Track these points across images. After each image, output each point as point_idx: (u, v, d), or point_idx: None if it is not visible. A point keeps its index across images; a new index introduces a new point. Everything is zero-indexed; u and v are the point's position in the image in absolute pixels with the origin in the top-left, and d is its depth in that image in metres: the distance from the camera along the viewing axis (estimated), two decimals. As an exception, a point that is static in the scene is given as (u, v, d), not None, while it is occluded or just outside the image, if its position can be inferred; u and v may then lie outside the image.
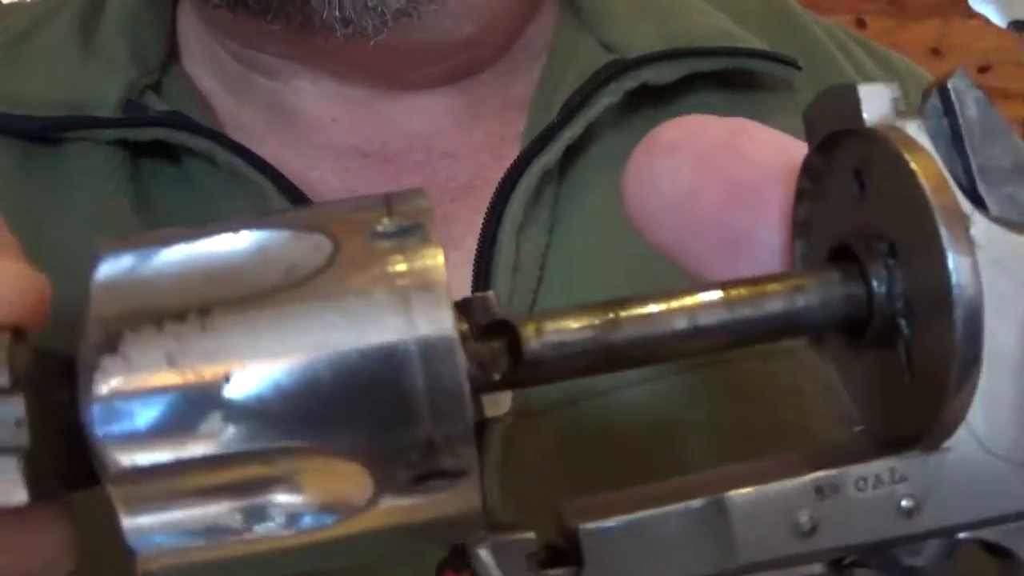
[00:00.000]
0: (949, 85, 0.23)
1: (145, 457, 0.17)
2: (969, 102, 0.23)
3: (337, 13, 0.44)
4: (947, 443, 0.21)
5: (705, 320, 0.21)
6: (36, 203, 0.46)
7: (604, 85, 0.48)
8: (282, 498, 0.18)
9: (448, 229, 0.47)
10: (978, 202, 0.22)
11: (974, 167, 0.22)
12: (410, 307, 0.18)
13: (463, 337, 0.20)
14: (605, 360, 0.21)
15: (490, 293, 0.21)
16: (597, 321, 0.21)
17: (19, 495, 0.17)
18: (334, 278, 0.18)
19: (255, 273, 0.19)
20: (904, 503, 0.21)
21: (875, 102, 0.22)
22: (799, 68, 0.52)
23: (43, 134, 0.47)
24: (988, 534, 0.22)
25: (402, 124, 0.50)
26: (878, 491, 0.21)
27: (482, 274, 0.44)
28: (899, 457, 0.21)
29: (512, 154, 0.47)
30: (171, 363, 0.18)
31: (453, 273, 0.45)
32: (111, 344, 0.18)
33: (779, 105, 0.53)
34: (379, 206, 0.20)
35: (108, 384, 0.17)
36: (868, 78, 0.56)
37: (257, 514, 0.18)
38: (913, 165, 0.21)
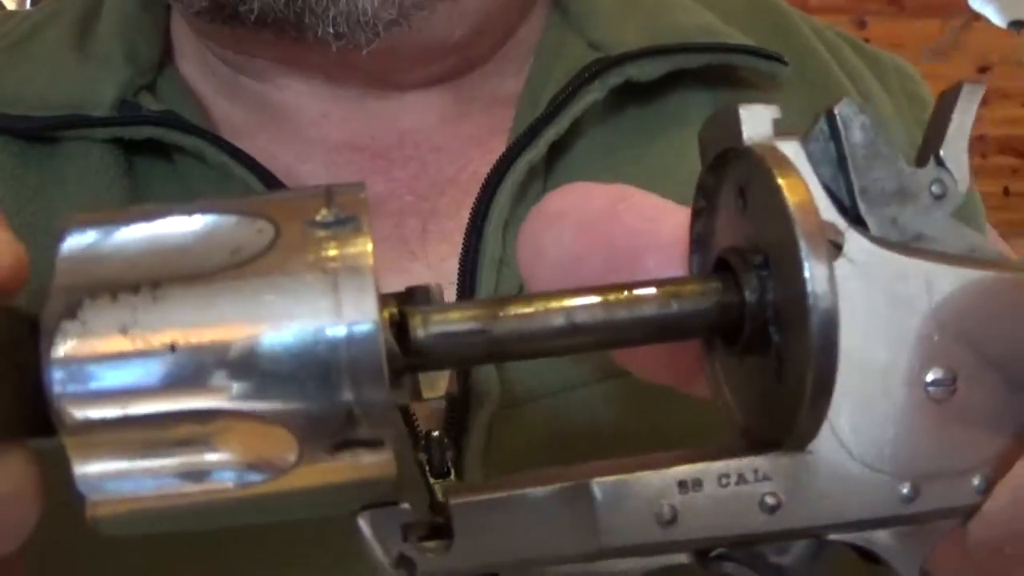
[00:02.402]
0: (836, 110, 0.24)
1: (96, 412, 0.19)
2: (855, 127, 0.24)
3: (331, 29, 0.45)
4: (811, 446, 0.23)
5: (582, 319, 0.23)
6: (33, 200, 0.47)
7: (589, 82, 0.49)
8: (215, 456, 0.20)
9: (436, 223, 0.48)
10: (859, 222, 0.24)
11: (856, 189, 0.24)
12: (338, 290, 0.20)
13: (391, 322, 0.22)
14: (487, 352, 0.23)
15: (433, 284, 0.23)
16: (481, 314, 0.23)
17: None
18: (273, 261, 0.20)
19: (203, 253, 0.21)
20: (767, 500, 0.23)
21: (755, 123, 0.24)
22: (785, 63, 0.53)
23: (40, 133, 0.48)
24: (858, 539, 0.23)
25: (392, 120, 0.51)
26: (741, 488, 0.23)
27: (468, 268, 0.45)
28: (764, 457, 0.23)
29: (499, 149, 0.48)
30: (123, 331, 0.20)
31: (440, 266, 0.47)
32: (71, 311, 0.20)
33: (765, 104, 0.54)
34: (319, 196, 0.22)
35: (66, 346, 0.19)
36: (856, 76, 0.57)
37: (193, 469, 0.20)
38: (780, 182, 0.22)
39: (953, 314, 0.23)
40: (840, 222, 0.23)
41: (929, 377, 0.23)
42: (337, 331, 0.20)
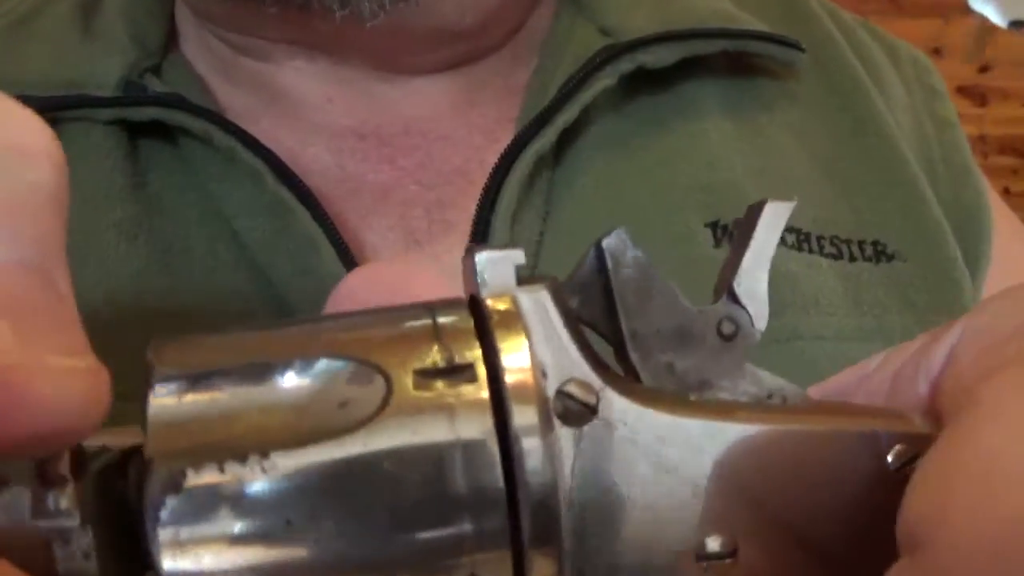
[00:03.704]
0: (604, 244, 0.22)
1: None
2: (625, 262, 0.22)
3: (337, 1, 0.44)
4: None
5: None
6: None
7: (599, 69, 0.48)
8: None
9: (442, 213, 0.47)
10: (630, 370, 0.21)
11: (625, 332, 0.21)
12: (462, 461, 0.19)
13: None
14: None
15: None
16: None
17: None
18: (389, 426, 0.19)
19: (309, 408, 0.19)
20: None
21: (496, 270, 0.21)
22: (802, 50, 0.52)
23: (41, 113, 0.47)
24: None
25: (399, 107, 0.50)
26: None
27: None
28: None
29: (507, 138, 0.47)
30: (234, 506, 0.18)
31: (447, 257, 0.45)
32: (175, 484, 0.18)
33: (780, 93, 0.53)
34: (428, 334, 0.20)
35: (175, 527, 0.18)
36: (870, 62, 0.56)
37: None
38: (500, 344, 0.20)
39: (732, 475, 0.20)
40: (594, 380, 0.20)
41: (708, 547, 0.20)
42: (462, 500, 0.19)
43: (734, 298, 0.22)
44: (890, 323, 0.48)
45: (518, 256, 0.21)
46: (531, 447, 0.19)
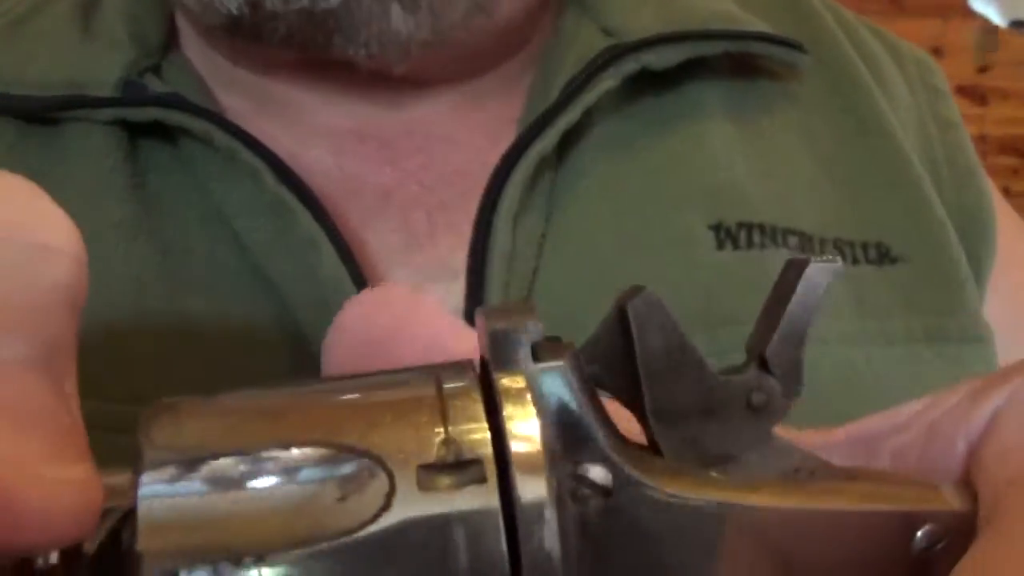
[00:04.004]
0: (628, 306, 0.20)
1: None
2: (652, 329, 0.20)
3: (363, 51, 0.44)
4: None
5: None
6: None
7: (603, 69, 0.47)
8: None
9: (444, 215, 0.47)
10: (650, 440, 0.20)
11: (647, 404, 0.20)
12: (468, 569, 0.18)
13: None
14: None
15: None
16: None
17: None
18: (391, 529, 0.18)
19: (308, 506, 0.18)
20: None
21: (510, 342, 0.19)
22: (805, 52, 0.52)
23: (41, 113, 0.47)
24: None
25: (401, 109, 0.49)
26: None
27: (477, 261, 0.44)
28: None
29: (509, 139, 0.46)
30: None
31: (449, 259, 0.45)
32: None
33: (783, 94, 0.53)
34: (435, 425, 0.19)
35: None
36: (874, 62, 0.56)
37: None
38: (511, 428, 0.18)
39: (752, 556, 0.19)
40: (611, 459, 0.19)
41: None
42: None
43: (765, 367, 0.21)
44: (893, 326, 0.48)
45: (536, 330, 0.19)
46: (541, 546, 0.18)
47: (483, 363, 0.20)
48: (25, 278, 0.17)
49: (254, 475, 0.18)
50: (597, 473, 0.19)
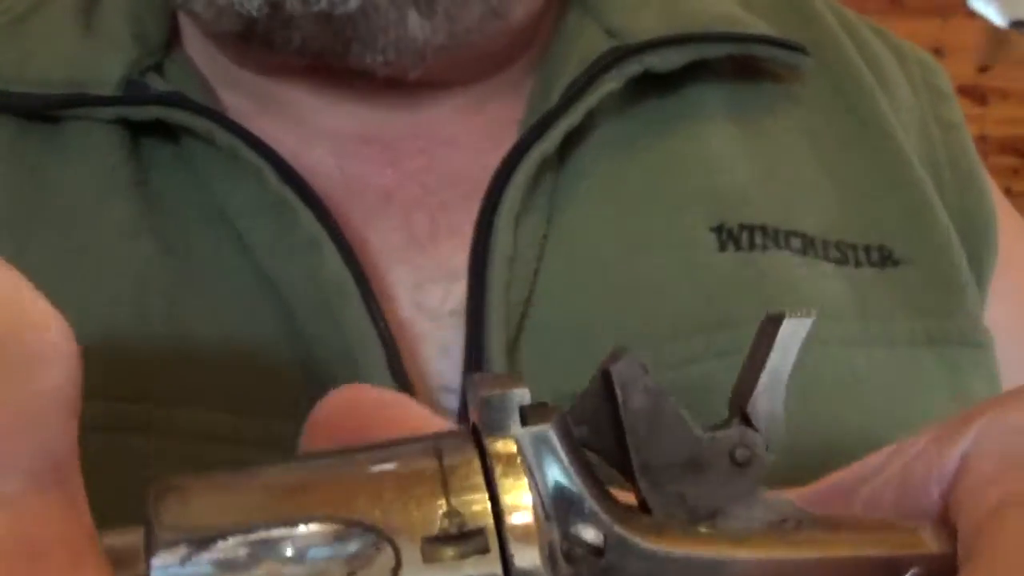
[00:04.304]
0: (612, 371, 0.21)
1: None
2: (636, 392, 0.21)
3: (380, 58, 0.43)
4: None
5: None
6: (33, 181, 0.46)
7: (605, 71, 0.47)
8: None
9: (446, 217, 0.47)
10: (639, 499, 0.21)
11: (634, 464, 0.21)
12: None
13: None
14: None
15: None
16: None
17: None
18: None
19: None
20: None
21: (499, 408, 0.20)
22: (808, 54, 0.52)
23: (42, 111, 0.47)
24: None
25: (404, 111, 0.49)
26: None
27: (478, 262, 0.44)
28: None
29: (511, 141, 0.46)
30: None
31: (450, 261, 0.45)
32: None
33: (785, 96, 0.53)
34: (436, 490, 0.19)
35: None
36: (875, 62, 0.56)
37: None
38: (503, 494, 0.19)
39: None
40: (601, 519, 0.19)
41: None
42: None
43: (747, 421, 0.21)
44: (894, 328, 0.48)
45: (523, 395, 0.20)
46: None
47: (474, 428, 0.20)
48: (25, 391, 0.17)
49: (264, 555, 0.19)
50: (588, 533, 0.19)
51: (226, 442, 0.40)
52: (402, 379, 0.41)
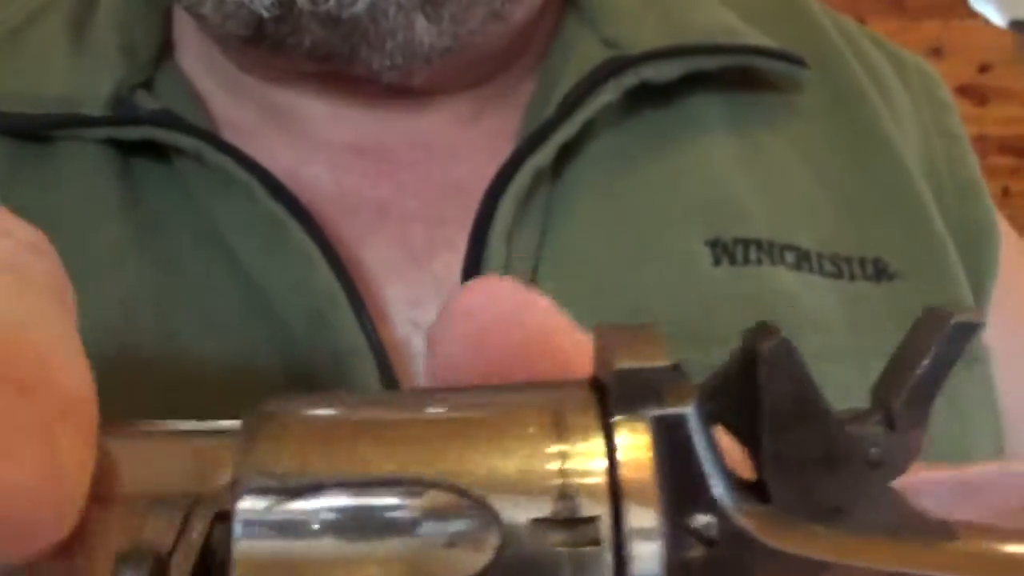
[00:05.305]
0: (759, 350, 0.18)
1: None
2: (782, 376, 0.19)
3: (387, 61, 0.43)
4: None
5: None
6: (24, 201, 0.45)
7: (602, 83, 0.47)
8: None
9: (442, 229, 0.47)
10: (761, 484, 0.19)
11: (766, 451, 0.19)
12: None
13: None
14: None
15: None
16: None
17: None
18: None
19: (416, 549, 0.17)
20: None
21: (632, 383, 0.18)
22: (806, 66, 0.51)
23: (32, 132, 0.46)
24: None
25: (404, 122, 0.49)
26: None
27: (472, 276, 0.44)
28: None
29: (507, 152, 0.46)
30: None
31: (446, 275, 0.45)
32: None
33: (783, 107, 0.53)
34: (551, 469, 0.18)
35: None
36: (875, 72, 0.56)
37: None
38: (621, 461, 0.18)
39: None
40: (724, 508, 0.18)
41: None
42: None
43: (890, 423, 0.20)
44: (889, 342, 0.48)
45: (662, 370, 0.18)
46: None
47: (598, 386, 0.19)
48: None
49: (360, 514, 0.17)
50: (706, 523, 0.18)
51: None
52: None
